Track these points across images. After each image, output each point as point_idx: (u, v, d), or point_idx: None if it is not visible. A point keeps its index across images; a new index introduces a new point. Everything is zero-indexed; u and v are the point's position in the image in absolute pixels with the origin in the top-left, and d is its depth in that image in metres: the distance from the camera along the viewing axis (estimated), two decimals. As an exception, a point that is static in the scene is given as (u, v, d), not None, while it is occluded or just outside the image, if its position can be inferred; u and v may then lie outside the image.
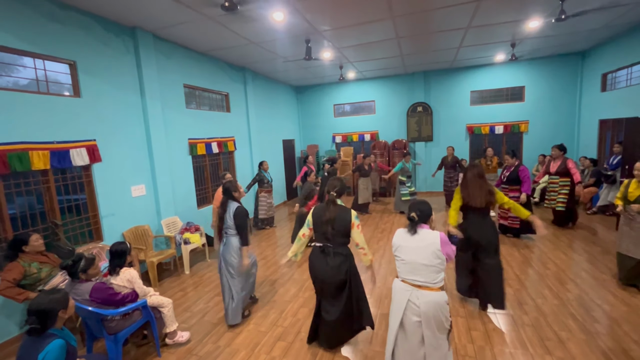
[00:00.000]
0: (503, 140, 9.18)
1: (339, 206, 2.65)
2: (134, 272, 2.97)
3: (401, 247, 2.18)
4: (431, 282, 2.09)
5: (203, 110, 6.40)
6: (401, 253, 2.18)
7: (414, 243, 2.13)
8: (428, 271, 2.08)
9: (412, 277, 2.13)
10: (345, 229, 2.60)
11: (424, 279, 2.09)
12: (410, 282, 2.14)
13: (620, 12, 5.27)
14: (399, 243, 2.21)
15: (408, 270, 2.15)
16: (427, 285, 2.09)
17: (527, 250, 4.98)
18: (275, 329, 3.30)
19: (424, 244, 2.10)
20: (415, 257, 2.11)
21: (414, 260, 2.11)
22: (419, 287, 2.11)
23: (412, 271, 2.13)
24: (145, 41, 4.83)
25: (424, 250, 2.08)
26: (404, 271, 2.18)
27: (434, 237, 2.10)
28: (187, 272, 4.91)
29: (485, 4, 4.66)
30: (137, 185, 4.78)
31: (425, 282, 2.09)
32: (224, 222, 3.33)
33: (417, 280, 2.11)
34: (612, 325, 3.03)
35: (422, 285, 2.10)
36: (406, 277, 2.16)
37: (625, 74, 6.67)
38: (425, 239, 2.11)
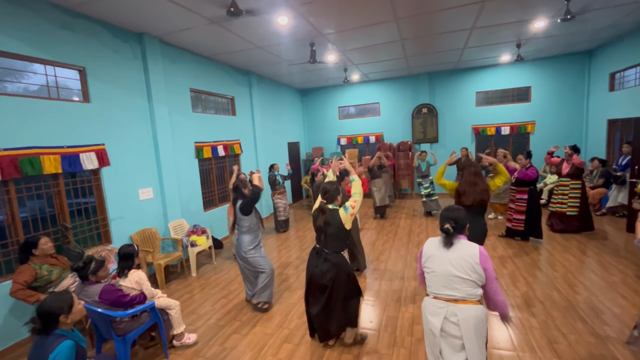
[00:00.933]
0: (509, 141, 9.10)
1: (330, 210, 2.72)
2: (142, 274, 3.01)
3: (433, 257, 1.93)
4: (469, 295, 1.83)
5: (209, 114, 6.47)
6: (434, 264, 1.92)
7: (450, 254, 1.88)
8: (465, 285, 1.82)
9: (447, 292, 1.86)
10: (338, 232, 2.67)
11: (461, 294, 1.83)
12: (445, 297, 1.88)
13: (627, 10, 5.21)
14: (431, 252, 1.95)
15: (442, 284, 1.88)
16: (465, 299, 1.83)
17: (536, 252, 4.93)
18: (281, 331, 3.31)
19: (460, 255, 1.85)
20: (449, 269, 1.85)
21: (449, 271, 1.85)
22: (456, 302, 1.84)
23: (447, 285, 1.86)
24: (153, 47, 4.91)
25: (460, 261, 1.83)
26: (436, 285, 1.91)
27: (473, 249, 1.86)
28: (193, 275, 4.95)
29: (490, 5, 4.65)
30: (144, 188, 4.85)
31: (463, 296, 1.83)
32: (236, 219, 3.65)
33: (453, 295, 1.84)
34: (623, 329, 2.99)
35: (459, 299, 1.84)
36: (439, 292, 1.90)
37: (634, 73, 6.58)
38: (462, 249, 1.87)
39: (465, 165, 3.45)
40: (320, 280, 2.71)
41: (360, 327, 3.28)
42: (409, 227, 6.75)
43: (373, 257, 5.16)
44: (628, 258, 4.49)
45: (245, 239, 3.62)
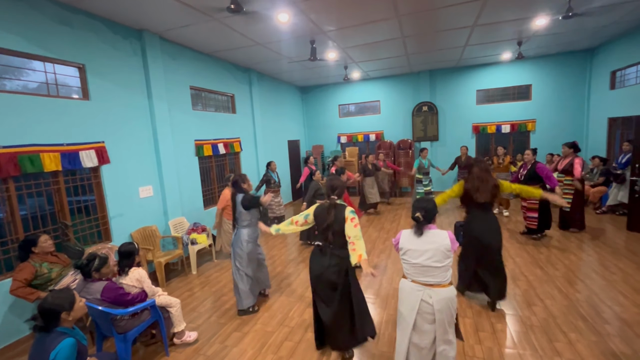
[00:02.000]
0: (510, 139, 9.10)
1: (338, 205, 2.61)
2: (143, 272, 3.00)
3: (411, 251, 2.12)
4: (443, 280, 2.08)
5: (209, 111, 6.45)
6: (411, 257, 2.12)
7: (423, 246, 2.08)
8: (439, 271, 2.06)
9: (424, 278, 2.10)
10: (341, 227, 2.54)
11: (437, 279, 2.07)
12: (422, 282, 2.11)
13: (629, 8, 5.19)
14: (407, 246, 2.14)
15: (419, 273, 2.11)
16: (440, 283, 2.08)
17: (536, 251, 4.93)
18: (282, 329, 3.31)
19: (434, 246, 2.05)
20: (425, 260, 2.06)
21: (426, 263, 2.07)
22: (432, 286, 2.08)
23: (424, 273, 2.09)
24: (152, 43, 4.88)
25: (435, 253, 2.04)
26: (413, 273, 2.14)
27: (443, 237, 2.07)
28: (194, 272, 4.95)
29: (492, 2, 4.62)
30: (144, 186, 4.83)
31: (438, 281, 2.08)
32: (235, 214, 3.61)
33: (429, 280, 2.08)
34: (623, 327, 2.99)
35: (434, 284, 2.08)
36: (417, 278, 2.12)
37: (635, 71, 6.56)
38: (434, 241, 2.07)
39: (473, 162, 3.37)
40: (329, 277, 2.58)
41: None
42: (409, 225, 6.74)
43: (374, 255, 5.16)
44: (628, 256, 4.49)
45: (244, 232, 3.58)
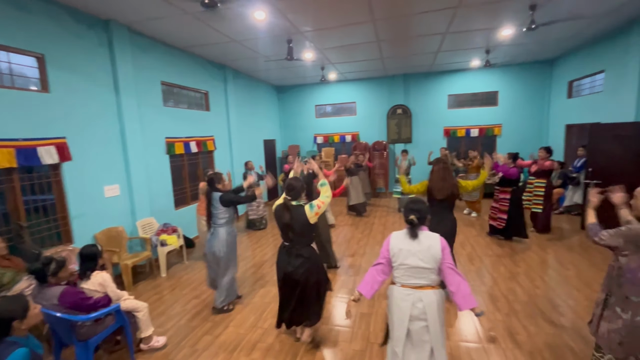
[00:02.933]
0: (478, 143, 9.52)
1: (295, 207, 2.68)
2: (107, 276, 2.85)
3: (403, 251, 2.05)
4: (433, 282, 2.04)
5: (181, 108, 6.24)
6: (402, 257, 2.05)
7: (416, 246, 2.03)
8: (430, 272, 2.02)
9: (414, 280, 2.04)
10: (304, 228, 2.65)
11: (427, 281, 2.03)
12: (412, 285, 2.04)
13: (585, 24, 5.60)
14: (399, 246, 2.07)
15: (409, 275, 2.04)
16: (430, 285, 2.03)
17: (500, 250, 5.19)
18: (255, 331, 3.27)
19: (424, 247, 2.01)
20: (417, 262, 2.01)
21: (416, 264, 2.01)
22: (422, 288, 2.03)
23: (414, 275, 2.03)
24: (120, 35, 4.65)
25: (426, 254, 2.00)
26: (404, 275, 2.06)
27: (435, 241, 2.03)
28: (163, 275, 4.77)
29: (462, 11, 4.82)
30: (110, 185, 4.60)
31: (428, 283, 2.03)
32: (212, 212, 3.53)
33: (420, 282, 2.03)
34: (576, 319, 3.22)
35: (424, 285, 2.03)
36: (407, 281, 2.06)
37: (589, 82, 7.09)
38: (426, 242, 2.03)
39: (435, 161, 3.51)
40: (295, 276, 2.71)
41: (334, 324, 3.31)
42: (383, 224, 6.89)
43: (348, 254, 5.22)
44: (581, 254, 4.84)
45: (222, 232, 3.51)
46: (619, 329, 1.88)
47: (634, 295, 1.84)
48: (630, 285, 1.86)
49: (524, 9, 4.80)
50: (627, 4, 4.72)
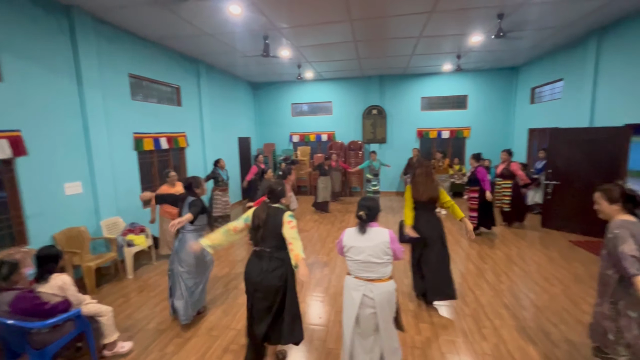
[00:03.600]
0: (449, 144, 9.88)
1: (273, 208, 2.55)
2: (67, 278, 2.67)
3: (353, 248, 2.22)
4: (383, 275, 2.20)
5: (151, 102, 5.96)
6: (353, 254, 2.22)
7: (365, 242, 2.18)
8: (380, 267, 2.18)
9: (366, 274, 2.20)
10: (277, 229, 2.45)
11: (377, 275, 2.19)
12: (364, 278, 2.21)
13: (547, 34, 5.96)
14: (350, 244, 2.24)
15: (361, 269, 2.21)
16: (380, 278, 2.20)
17: (469, 247, 5.42)
18: (228, 332, 3.19)
19: (374, 243, 2.16)
20: (367, 257, 2.17)
21: (367, 259, 2.17)
22: (372, 281, 2.20)
23: (365, 269, 2.20)
24: (83, 22, 4.36)
25: (375, 249, 2.16)
26: (356, 269, 2.23)
27: (384, 235, 2.18)
28: (130, 277, 4.54)
29: (435, 16, 4.97)
30: (71, 182, 4.31)
31: (379, 276, 2.19)
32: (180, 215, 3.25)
33: (371, 276, 2.20)
34: (537, 312, 3.42)
35: (375, 279, 2.20)
36: (359, 274, 2.23)
37: (549, 89, 7.57)
38: (375, 238, 2.18)
39: (417, 164, 3.59)
40: (269, 282, 2.42)
41: (309, 323, 3.30)
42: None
43: (323, 253, 5.23)
44: (541, 250, 5.16)
45: (190, 238, 3.21)
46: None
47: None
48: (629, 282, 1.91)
49: (492, 17, 5.03)
50: (585, 16, 5.07)
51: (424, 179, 3.44)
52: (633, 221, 1.97)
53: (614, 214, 2.06)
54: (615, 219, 2.05)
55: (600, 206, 2.13)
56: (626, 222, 1.97)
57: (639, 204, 2.02)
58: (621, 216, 2.03)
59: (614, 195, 2.04)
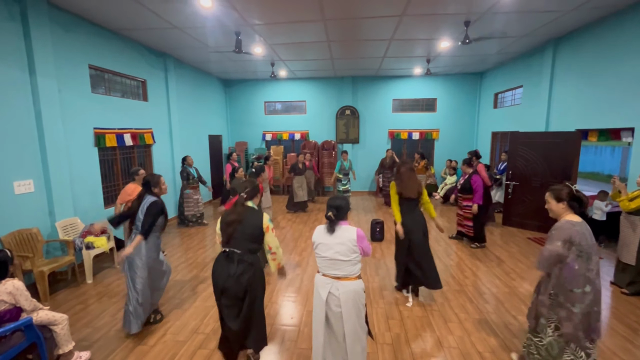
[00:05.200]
0: (419, 145, 10.20)
1: (249, 208, 2.51)
2: (19, 283, 2.45)
3: (321, 245, 2.23)
4: (350, 274, 2.20)
5: (114, 96, 5.64)
6: (321, 250, 2.23)
7: (333, 240, 2.19)
8: (346, 265, 2.18)
9: (333, 271, 2.21)
10: (254, 233, 2.41)
11: (344, 272, 2.19)
12: (331, 275, 2.22)
13: (508, 42, 6.32)
14: (318, 241, 2.26)
15: (328, 266, 2.22)
16: (347, 276, 2.20)
17: (436, 244, 5.61)
18: (195, 337, 3.08)
19: (341, 241, 2.17)
20: (333, 254, 2.18)
21: (333, 256, 2.18)
22: (339, 279, 2.20)
23: (332, 266, 2.21)
24: (37, 9, 4.03)
25: (342, 247, 2.17)
26: (324, 266, 2.25)
27: (351, 233, 2.19)
28: (89, 282, 4.26)
29: (406, 20, 5.10)
30: (22, 180, 3.97)
31: (345, 274, 2.20)
32: (136, 217, 3.01)
33: (337, 273, 2.20)
34: (498, 305, 3.62)
35: (341, 277, 2.20)
36: (327, 271, 2.24)
37: (510, 95, 8.03)
38: (342, 235, 2.19)
39: (401, 163, 3.71)
40: (236, 287, 2.37)
41: (281, 324, 3.27)
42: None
43: (296, 253, 5.21)
44: (502, 246, 5.46)
45: (150, 240, 3.05)
46: (579, 322, 2.09)
47: (576, 287, 2.09)
48: (570, 279, 2.10)
49: (459, 24, 5.25)
50: (543, 26, 5.43)
51: (409, 174, 3.56)
52: (576, 222, 2.14)
53: (561, 213, 2.23)
54: (562, 218, 2.22)
55: (549, 205, 2.30)
56: (568, 222, 2.14)
57: (583, 204, 2.20)
58: (567, 216, 2.20)
59: (561, 195, 2.21)
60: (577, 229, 2.09)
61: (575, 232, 2.08)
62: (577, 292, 2.10)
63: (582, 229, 2.11)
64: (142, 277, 3.00)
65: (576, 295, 2.10)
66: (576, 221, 2.14)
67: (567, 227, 2.12)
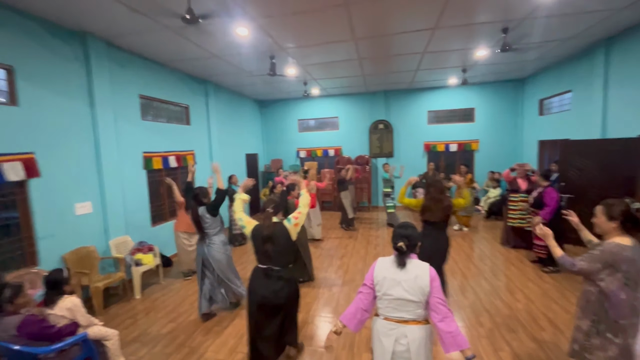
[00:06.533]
0: (457, 157, 9.79)
1: (276, 224, 2.62)
2: (76, 300, 2.67)
3: (387, 280, 1.90)
4: (418, 317, 1.89)
5: (160, 122, 6.10)
6: (387, 287, 1.89)
7: (403, 276, 1.88)
8: (415, 306, 1.85)
9: (398, 314, 1.89)
10: (287, 247, 2.57)
11: (411, 316, 1.88)
12: (396, 319, 1.90)
13: (553, 46, 5.95)
14: (383, 274, 1.92)
15: (394, 307, 1.89)
16: (415, 320, 1.88)
17: (482, 263, 5.25)
18: (234, 356, 3.12)
19: (411, 276, 1.86)
20: (402, 293, 1.85)
21: (401, 295, 1.85)
22: (406, 323, 1.88)
23: (399, 307, 1.88)
24: (98, 49, 4.53)
25: (412, 284, 1.84)
26: (388, 308, 1.91)
27: (424, 270, 1.88)
28: (137, 297, 4.52)
29: (439, 32, 5.01)
30: (82, 202, 4.37)
31: (413, 318, 1.88)
32: (202, 225, 3.70)
33: (404, 316, 1.88)
34: (556, 333, 3.27)
35: (409, 320, 1.88)
36: (390, 314, 1.91)
37: (558, 101, 7.49)
38: (414, 272, 1.87)
39: (431, 182, 3.52)
40: (275, 301, 2.54)
41: (318, 346, 3.21)
42: (367, 238, 6.86)
43: (331, 272, 5.13)
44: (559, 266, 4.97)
45: (218, 240, 3.77)
46: (616, 356, 1.85)
47: (622, 319, 1.84)
48: (616, 309, 1.85)
49: (496, 32, 5.05)
50: (590, 27, 5.05)
51: (435, 198, 3.40)
52: (626, 245, 1.86)
53: (610, 232, 1.97)
54: (610, 238, 1.95)
55: (597, 219, 2.04)
56: (618, 246, 1.87)
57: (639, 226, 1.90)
58: (617, 238, 1.92)
59: (614, 212, 1.94)
60: (626, 255, 1.82)
61: (623, 259, 1.82)
62: (623, 323, 1.84)
63: (633, 255, 1.83)
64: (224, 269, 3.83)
65: (622, 327, 1.84)
66: (627, 245, 1.86)
67: (615, 251, 1.85)
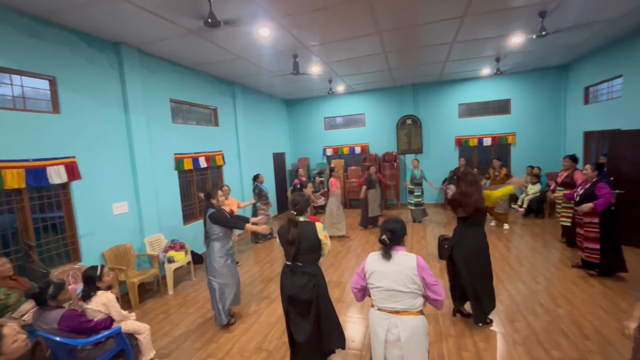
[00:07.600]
0: (491, 151, 9.27)
1: (302, 223, 2.60)
2: (111, 296, 2.82)
3: (375, 273, 2.01)
4: (410, 307, 1.95)
5: (190, 124, 6.32)
6: (375, 279, 2.01)
7: (389, 267, 1.97)
8: (405, 297, 1.93)
9: (390, 304, 1.97)
10: (314, 245, 2.55)
11: (403, 306, 1.94)
12: (388, 309, 1.98)
13: (598, 28, 5.41)
14: (372, 268, 2.03)
15: (384, 298, 1.98)
16: (407, 310, 1.95)
17: (518, 264, 4.93)
18: (259, 354, 3.16)
19: (399, 268, 1.94)
20: (390, 283, 1.94)
21: (390, 286, 1.94)
22: (398, 313, 1.95)
23: (389, 298, 1.97)
24: (130, 57, 4.77)
25: (399, 275, 1.92)
26: (380, 299, 2.01)
27: (410, 260, 1.95)
28: (170, 293, 4.73)
29: (469, 20, 4.74)
30: (119, 202, 4.64)
31: (404, 308, 1.95)
32: (206, 227, 3.61)
33: (395, 307, 1.96)
34: (604, 343, 2.97)
35: (400, 311, 1.95)
36: (383, 305, 2.00)
37: (606, 87, 6.82)
38: (400, 263, 1.95)
39: (461, 175, 3.31)
40: (303, 296, 2.53)
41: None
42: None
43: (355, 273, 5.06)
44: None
45: (216, 246, 3.59)
46: None
47: None
48: None
49: (533, 16, 4.68)
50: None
51: (465, 192, 3.18)
52: None
53: None
54: None
55: None
56: None
57: None
58: None
59: None
60: None
61: None
62: None
63: None
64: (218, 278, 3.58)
65: None
66: None
67: None
